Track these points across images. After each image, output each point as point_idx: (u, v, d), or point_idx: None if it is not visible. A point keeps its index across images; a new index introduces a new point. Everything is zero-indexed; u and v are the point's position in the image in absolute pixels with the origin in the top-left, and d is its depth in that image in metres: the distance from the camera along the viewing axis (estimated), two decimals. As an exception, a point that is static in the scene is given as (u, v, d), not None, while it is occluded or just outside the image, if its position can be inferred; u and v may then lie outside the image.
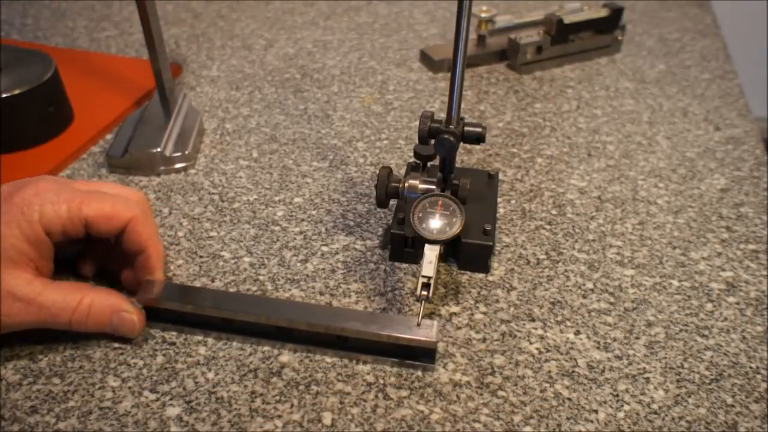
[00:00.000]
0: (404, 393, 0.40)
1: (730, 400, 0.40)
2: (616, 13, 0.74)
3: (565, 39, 0.73)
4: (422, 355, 0.41)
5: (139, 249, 0.43)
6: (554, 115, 0.67)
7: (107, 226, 0.41)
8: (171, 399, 0.39)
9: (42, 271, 0.41)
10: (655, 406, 0.40)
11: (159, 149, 0.56)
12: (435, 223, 0.44)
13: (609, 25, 0.75)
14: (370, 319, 0.41)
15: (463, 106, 0.62)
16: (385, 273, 0.48)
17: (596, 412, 0.39)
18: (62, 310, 0.40)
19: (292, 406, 0.39)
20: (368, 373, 0.41)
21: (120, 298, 0.42)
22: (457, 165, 0.54)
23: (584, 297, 0.47)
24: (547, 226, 0.53)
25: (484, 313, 0.45)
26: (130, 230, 0.42)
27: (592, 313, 0.45)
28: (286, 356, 0.42)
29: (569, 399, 0.40)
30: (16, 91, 0.55)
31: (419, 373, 0.41)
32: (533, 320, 0.45)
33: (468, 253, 0.47)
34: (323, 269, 0.48)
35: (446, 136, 0.44)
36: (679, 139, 0.63)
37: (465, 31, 0.42)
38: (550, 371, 0.41)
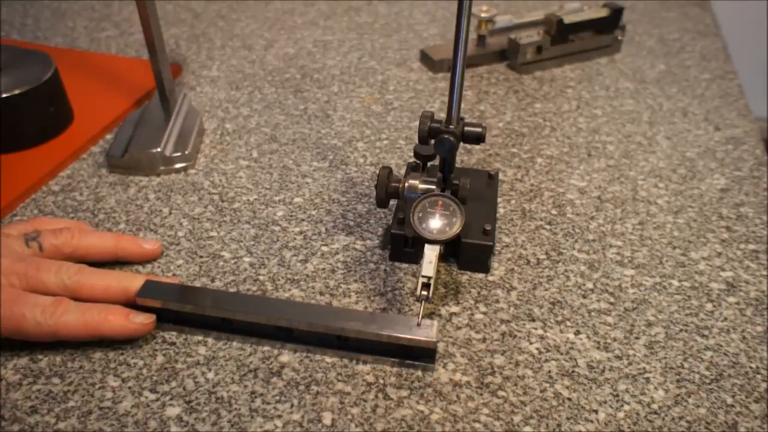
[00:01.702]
0: (404, 393, 0.40)
1: (730, 400, 0.40)
2: (616, 13, 0.74)
3: (565, 39, 0.73)
4: (422, 355, 0.41)
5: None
6: (554, 115, 0.67)
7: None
8: (171, 399, 0.39)
9: None
10: (655, 406, 0.40)
11: (159, 149, 0.56)
12: (435, 223, 0.44)
13: (609, 25, 0.75)
14: (370, 319, 0.41)
15: (463, 106, 0.62)
16: (385, 273, 0.48)
17: (596, 412, 0.39)
18: None
19: (292, 406, 0.39)
20: (368, 373, 0.41)
21: None
22: (457, 165, 0.54)
23: (584, 297, 0.47)
24: (547, 226, 0.53)
25: (484, 313, 0.45)
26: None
27: (592, 313, 0.45)
28: (286, 356, 0.42)
29: (569, 399, 0.40)
30: (16, 91, 0.55)
31: (419, 373, 0.41)
32: (533, 320, 0.45)
33: (468, 253, 0.47)
34: (323, 269, 0.48)
35: (446, 136, 0.44)
36: (679, 139, 0.63)
37: (465, 31, 0.42)
38: (550, 371, 0.41)
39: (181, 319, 0.43)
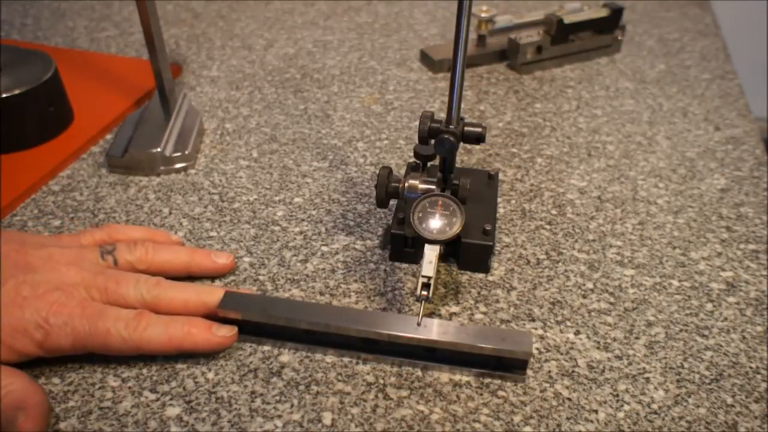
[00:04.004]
0: (404, 393, 0.40)
1: (730, 400, 0.40)
2: (616, 13, 0.74)
3: (565, 39, 0.73)
4: (514, 366, 0.40)
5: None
6: (554, 115, 0.67)
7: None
8: (171, 399, 0.39)
9: None
10: (655, 406, 0.40)
11: (159, 149, 0.56)
12: (435, 223, 0.44)
13: (609, 25, 0.75)
14: (461, 331, 0.40)
15: (463, 106, 0.62)
16: (385, 273, 0.48)
17: (596, 412, 0.39)
18: None
19: (292, 406, 0.39)
20: (368, 373, 0.41)
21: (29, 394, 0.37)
22: (457, 165, 0.54)
23: (584, 297, 0.47)
24: (547, 226, 0.53)
25: (484, 313, 0.45)
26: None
27: (592, 313, 0.45)
28: (286, 356, 0.42)
29: (569, 399, 0.40)
30: (16, 91, 0.55)
31: (419, 372, 0.41)
32: (533, 320, 0.45)
33: (468, 253, 0.47)
34: (323, 269, 0.48)
35: (446, 136, 0.44)
36: (679, 139, 0.63)
37: (465, 31, 0.42)
38: (550, 371, 0.41)
39: (262, 330, 0.42)
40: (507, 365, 0.40)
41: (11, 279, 0.38)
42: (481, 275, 0.48)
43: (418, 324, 0.40)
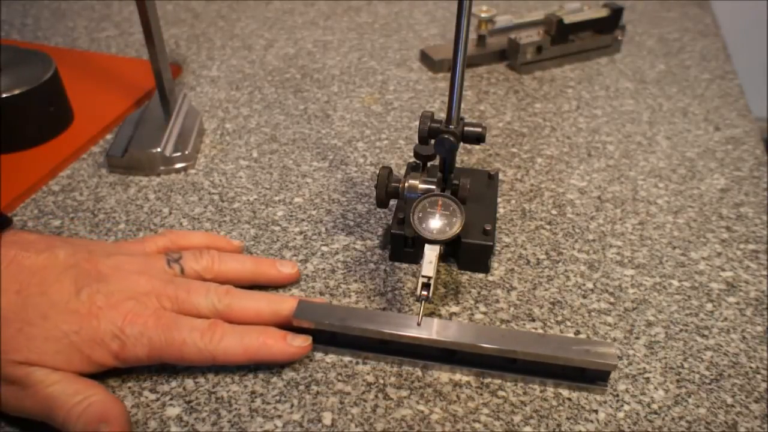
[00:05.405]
0: (404, 393, 0.40)
1: (730, 400, 0.40)
2: (616, 13, 0.74)
3: (565, 39, 0.73)
4: (596, 377, 0.40)
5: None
6: (554, 115, 0.67)
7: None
8: (171, 399, 0.39)
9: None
10: (655, 406, 0.40)
11: (159, 149, 0.56)
12: (435, 223, 0.44)
13: (609, 25, 0.75)
14: (543, 342, 0.40)
15: (463, 106, 0.62)
16: (385, 273, 0.48)
17: (596, 412, 0.39)
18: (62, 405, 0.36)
19: (292, 406, 0.39)
20: (368, 373, 0.41)
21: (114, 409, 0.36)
22: (457, 165, 0.54)
23: (584, 297, 0.47)
24: (547, 226, 0.53)
25: (484, 313, 0.45)
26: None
27: (592, 313, 0.45)
28: (286, 356, 0.42)
29: (569, 399, 0.40)
30: (16, 91, 0.55)
31: (419, 372, 0.41)
32: (533, 320, 0.45)
33: (468, 253, 0.47)
34: (323, 269, 0.48)
35: (446, 136, 0.44)
36: (679, 139, 0.63)
37: (465, 31, 0.42)
38: (550, 371, 0.41)
39: (336, 340, 0.41)
40: (587, 377, 0.40)
41: (85, 288, 0.38)
42: (481, 275, 0.48)
43: (418, 324, 0.40)
